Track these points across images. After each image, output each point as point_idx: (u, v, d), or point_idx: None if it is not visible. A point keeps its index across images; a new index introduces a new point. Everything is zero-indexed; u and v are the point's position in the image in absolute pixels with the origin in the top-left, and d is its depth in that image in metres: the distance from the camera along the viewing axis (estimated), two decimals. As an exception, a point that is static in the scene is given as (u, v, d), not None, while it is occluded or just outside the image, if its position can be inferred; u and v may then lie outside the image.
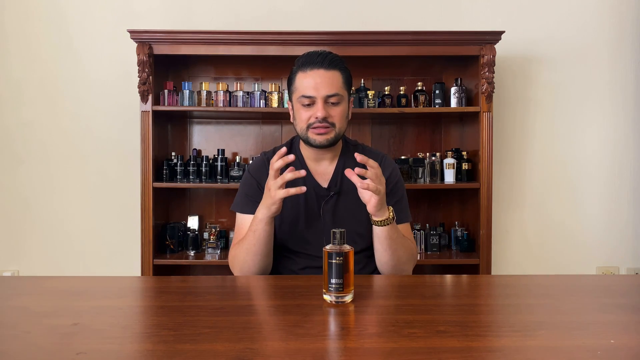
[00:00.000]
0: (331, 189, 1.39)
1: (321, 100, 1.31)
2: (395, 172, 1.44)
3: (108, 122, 2.62)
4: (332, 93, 1.31)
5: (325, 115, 1.30)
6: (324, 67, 1.32)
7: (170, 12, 2.61)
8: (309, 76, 1.32)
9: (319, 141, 1.33)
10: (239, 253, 1.33)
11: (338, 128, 1.34)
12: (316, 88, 1.31)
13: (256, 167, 1.44)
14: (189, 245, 2.45)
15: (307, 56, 1.35)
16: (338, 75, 1.34)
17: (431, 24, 2.60)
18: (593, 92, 2.68)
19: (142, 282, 1.24)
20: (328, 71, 1.32)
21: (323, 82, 1.31)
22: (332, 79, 1.32)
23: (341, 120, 1.34)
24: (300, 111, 1.34)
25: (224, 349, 0.70)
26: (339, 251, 0.91)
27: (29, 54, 2.60)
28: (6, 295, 1.01)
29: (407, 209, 1.43)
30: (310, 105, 1.32)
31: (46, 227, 2.63)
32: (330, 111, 1.32)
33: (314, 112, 1.31)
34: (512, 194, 2.70)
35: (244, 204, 1.41)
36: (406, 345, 0.71)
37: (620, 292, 1.03)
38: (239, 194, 1.44)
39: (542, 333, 0.76)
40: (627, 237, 2.71)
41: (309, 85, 1.31)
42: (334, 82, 1.32)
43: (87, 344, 0.72)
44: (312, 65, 1.32)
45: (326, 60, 1.33)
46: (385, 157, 1.46)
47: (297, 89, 1.34)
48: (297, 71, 1.35)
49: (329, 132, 1.33)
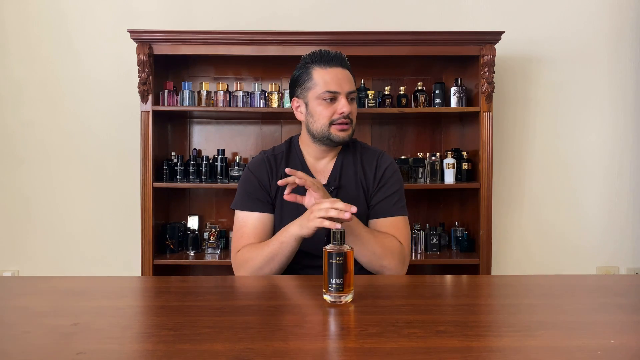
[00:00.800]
0: (331, 184, 1.39)
1: (344, 97, 1.33)
2: (392, 167, 1.43)
3: (108, 122, 2.62)
4: (353, 90, 1.36)
5: (350, 110, 1.33)
6: (342, 66, 1.36)
7: (170, 12, 2.61)
8: (330, 73, 1.34)
9: (341, 137, 1.35)
10: (255, 257, 1.28)
11: (354, 124, 1.38)
12: (340, 84, 1.33)
13: (256, 164, 1.43)
14: (189, 245, 2.45)
15: (322, 54, 1.36)
16: (351, 76, 1.39)
17: (431, 24, 2.60)
18: (593, 92, 2.68)
19: (142, 282, 1.24)
20: (344, 69, 1.36)
21: (344, 79, 1.34)
22: (349, 77, 1.37)
23: (355, 117, 1.39)
24: (322, 107, 1.34)
25: (224, 349, 0.70)
26: (339, 251, 0.91)
27: (29, 54, 2.60)
28: (6, 295, 1.01)
29: (401, 203, 1.40)
30: (332, 102, 1.34)
31: (46, 227, 2.63)
32: (350, 108, 1.35)
33: (338, 108, 1.33)
34: (512, 194, 2.70)
35: (244, 201, 1.39)
36: (406, 345, 0.71)
37: (620, 292, 1.03)
38: (239, 192, 1.42)
39: (542, 333, 0.76)
40: (627, 237, 2.70)
41: (333, 81, 1.33)
42: (351, 80, 1.37)
43: (87, 344, 0.72)
44: (331, 63, 1.35)
45: (343, 60, 1.37)
46: (382, 153, 1.46)
47: (318, 84, 1.34)
48: (314, 67, 1.35)
49: (349, 129, 1.36)
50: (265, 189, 1.39)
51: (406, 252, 1.34)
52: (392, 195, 1.38)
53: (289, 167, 1.34)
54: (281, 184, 1.20)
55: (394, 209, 1.37)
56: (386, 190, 1.39)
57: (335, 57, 1.36)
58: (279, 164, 1.41)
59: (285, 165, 1.41)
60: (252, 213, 1.36)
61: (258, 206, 1.37)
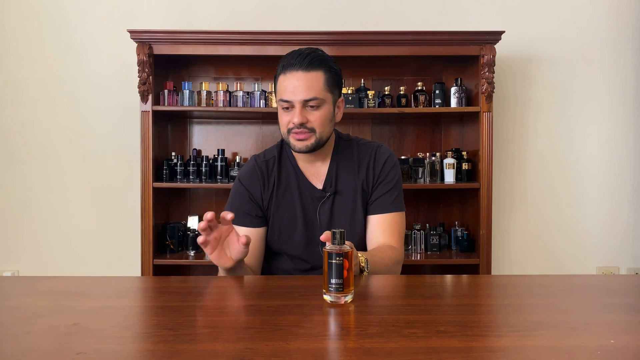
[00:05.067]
0: (327, 190, 1.35)
1: (299, 105, 1.24)
2: (391, 160, 1.38)
3: (108, 122, 2.62)
4: (310, 97, 1.24)
5: (302, 120, 1.24)
6: (302, 69, 1.24)
7: (170, 12, 2.61)
8: (287, 79, 1.25)
9: (298, 147, 1.28)
10: None
11: (319, 133, 1.27)
12: (293, 92, 1.24)
13: (247, 174, 1.38)
14: (189, 245, 2.45)
15: (288, 57, 1.28)
16: (319, 77, 1.26)
17: (431, 24, 2.60)
18: (593, 92, 2.68)
19: (142, 282, 1.24)
20: (308, 73, 1.24)
21: (300, 86, 1.24)
22: (312, 82, 1.24)
23: (322, 124, 1.27)
24: (281, 115, 1.30)
25: (224, 349, 0.70)
26: (339, 251, 0.91)
27: (29, 54, 2.60)
28: (6, 295, 1.01)
29: (399, 198, 1.37)
30: (289, 109, 1.27)
31: (46, 227, 2.63)
32: (309, 116, 1.25)
33: (292, 117, 1.26)
34: (512, 194, 2.70)
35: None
36: (406, 345, 0.71)
37: (620, 292, 1.03)
38: (229, 203, 1.38)
39: (542, 333, 0.76)
40: (627, 237, 2.70)
41: (286, 88, 1.25)
42: (313, 85, 1.24)
43: (87, 344, 0.72)
44: (291, 67, 1.25)
45: (305, 61, 1.24)
46: (380, 146, 1.40)
47: (278, 92, 1.30)
48: (279, 73, 1.29)
49: (309, 138, 1.26)
50: (256, 202, 1.34)
51: (402, 254, 1.34)
52: (389, 192, 1.35)
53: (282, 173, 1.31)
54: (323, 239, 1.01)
55: (392, 206, 1.35)
56: (384, 186, 1.35)
57: (297, 60, 1.25)
58: (270, 170, 1.37)
59: (278, 171, 1.35)
60: (239, 228, 1.32)
61: (246, 220, 1.33)
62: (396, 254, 1.29)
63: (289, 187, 1.36)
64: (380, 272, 1.18)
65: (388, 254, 1.27)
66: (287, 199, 1.35)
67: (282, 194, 1.35)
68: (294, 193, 1.34)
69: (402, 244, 1.35)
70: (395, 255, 1.29)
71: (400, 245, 1.35)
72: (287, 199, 1.35)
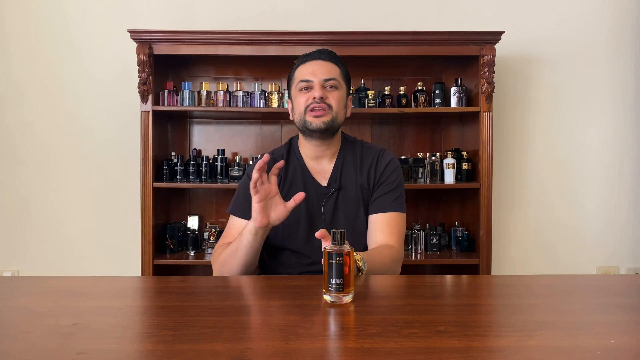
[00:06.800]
0: (331, 186, 1.38)
1: (319, 84, 1.34)
2: (393, 163, 1.42)
3: (108, 122, 2.62)
4: (330, 77, 1.36)
5: (322, 95, 1.33)
6: (321, 59, 1.38)
7: (170, 12, 2.61)
8: (308, 65, 1.37)
9: (315, 124, 1.33)
10: (222, 253, 1.31)
11: (335, 112, 1.34)
12: (314, 73, 1.35)
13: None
14: (189, 245, 2.45)
15: (307, 53, 1.41)
16: (336, 67, 1.39)
17: (431, 24, 2.60)
18: (593, 92, 2.68)
19: (142, 282, 1.24)
20: (326, 62, 1.38)
21: (321, 69, 1.36)
22: (330, 67, 1.37)
23: (338, 104, 1.36)
24: (299, 97, 1.37)
25: (224, 349, 0.70)
26: (339, 251, 0.91)
27: (29, 54, 2.60)
28: (6, 295, 1.01)
29: (400, 200, 1.39)
30: (308, 90, 1.36)
31: (46, 227, 2.63)
32: (327, 94, 1.35)
33: (311, 95, 1.34)
34: (512, 194, 2.70)
35: (236, 206, 1.40)
36: (406, 345, 0.71)
37: (620, 292, 1.03)
38: (235, 195, 1.43)
39: (542, 333, 0.76)
40: (627, 237, 2.70)
41: (307, 71, 1.36)
42: (332, 70, 1.37)
43: (87, 344, 0.72)
44: (311, 57, 1.38)
45: (324, 53, 1.39)
46: (384, 151, 1.45)
47: (297, 78, 1.38)
48: (298, 65, 1.40)
49: (326, 114, 1.33)
50: None
51: (401, 253, 1.35)
52: (391, 192, 1.38)
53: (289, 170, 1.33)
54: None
55: (392, 205, 1.37)
56: (385, 187, 1.38)
57: (317, 53, 1.39)
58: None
59: (285, 168, 1.41)
60: (244, 220, 1.35)
61: (248, 213, 1.35)
62: (394, 252, 1.30)
63: (295, 183, 1.39)
64: (378, 271, 1.19)
65: (385, 252, 1.28)
66: (292, 195, 1.36)
67: (288, 189, 1.38)
68: (299, 189, 1.36)
69: (401, 244, 1.36)
70: (393, 254, 1.29)
71: (400, 244, 1.35)
72: (292, 194, 1.36)
